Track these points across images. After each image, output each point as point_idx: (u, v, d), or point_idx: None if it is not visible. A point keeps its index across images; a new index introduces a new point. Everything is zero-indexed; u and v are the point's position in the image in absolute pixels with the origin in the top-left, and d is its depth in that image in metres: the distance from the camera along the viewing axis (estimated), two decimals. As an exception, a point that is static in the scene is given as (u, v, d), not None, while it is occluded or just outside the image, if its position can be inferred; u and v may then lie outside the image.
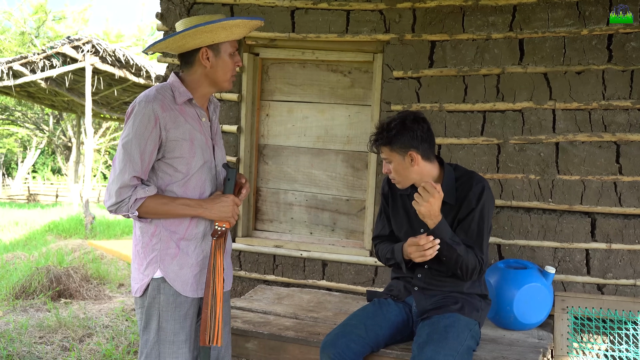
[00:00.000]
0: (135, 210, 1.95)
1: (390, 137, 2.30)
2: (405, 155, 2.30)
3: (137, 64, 10.00)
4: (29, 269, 6.03)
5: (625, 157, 3.01)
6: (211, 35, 1.98)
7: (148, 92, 2.01)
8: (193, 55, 2.04)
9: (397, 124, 2.30)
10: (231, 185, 2.07)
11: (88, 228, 10.50)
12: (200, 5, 3.64)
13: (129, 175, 1.94)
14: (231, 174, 2.07)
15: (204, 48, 2.01)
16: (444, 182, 2.37)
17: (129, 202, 1.94)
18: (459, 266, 2.28)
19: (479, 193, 2.32)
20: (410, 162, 2.31)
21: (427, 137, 2.32)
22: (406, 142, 2.29)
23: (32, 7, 21.24)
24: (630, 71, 2.99)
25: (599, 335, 3.04)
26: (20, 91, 12.48)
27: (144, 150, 1.95)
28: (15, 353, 3.84)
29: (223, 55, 2.05)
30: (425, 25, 3.27)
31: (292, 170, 3.74)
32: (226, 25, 1.98)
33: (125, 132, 1.97)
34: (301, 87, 3.69)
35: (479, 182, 2.35)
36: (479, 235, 2.32)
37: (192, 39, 1.97)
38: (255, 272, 3.68)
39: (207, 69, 2.04)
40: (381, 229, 2.61)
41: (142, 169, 1.96)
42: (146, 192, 1.96)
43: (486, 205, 2.33)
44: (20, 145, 28.77)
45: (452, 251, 2.25)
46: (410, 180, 2.37)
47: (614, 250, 3.04)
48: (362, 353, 2.30)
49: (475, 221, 2.32)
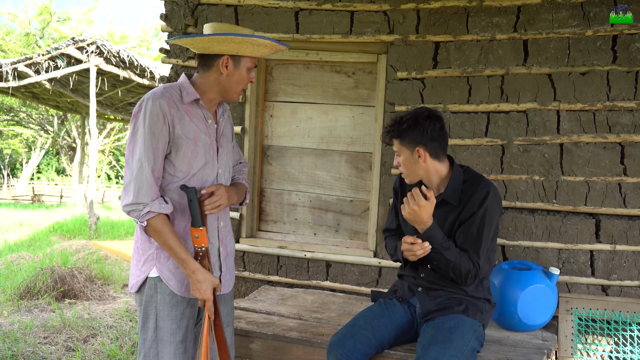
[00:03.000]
0: (145, 220, 1.96)
1: (400, 131, 2.33)
2: (413, 150, 2.33)
3: (141, 65, 10.03)
4: (33, 270, 6.04)
5: (630, 158, 3.01)
6: (237, 47, 2.02)
7: (155, 89, 2.04)
8: (214, 59, 2.06)
9: (409, 119, 2.33)
10: (195, 206, 2.01)
11: (92, 229, 10.52)
12: (205, 7, 3.65)
13: (146, 174, 1.95)
14: (190, 194, 2.01)
15: (226, 56, 2.04)
16: (450, 182, 2.37)
17: (142, 210, 1.95)
18: (451, 270, 2.29)
19: (483, 197, 2.31)
20: (418, 158, 2.33)
21: (437, 136, 2.33)
22: (415, 138, 2.31)
23: (37, 9, 21.31)
24: (634, 72, 2.99)
25: (603, 337, 3.03)
26: (24, 92, 12.54)
27: (157, 147, 1.97)
28: (19, 353, 3.85)
29: (242, 68, 2.08)
30: (429, 26, 3.27)
31: (296, 171, 3.74)
32: (254, 42, 2.02)
33: (138, 131, 1.98)
34: (305, 88, 3.70)
35: (485, 187, 2.34)
36: (477, 240, 2.31)
37: (218, 44, 2.01)
38: (259, 272, 3.69)
39: (223, 76, 2.07)
40: (390, 223, 2.65)
41: (157, 165, 1.98)
42: (162, 209, 1.97)
43: (489, 211, 2.31)
44: (25, 146, 28.86)
45: (440, 256, 2.28)
46: (418, 175, 2.39)
47: (618, 251, 3.03)
48: (368, 354, 2.30)
49: (476, 225, 2.31)
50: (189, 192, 2.00)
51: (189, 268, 1.99)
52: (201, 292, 2.00)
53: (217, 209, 2.06)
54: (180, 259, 1.99)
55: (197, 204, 2.01)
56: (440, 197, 2.37)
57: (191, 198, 2.00)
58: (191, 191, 2.00)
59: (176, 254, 1.99)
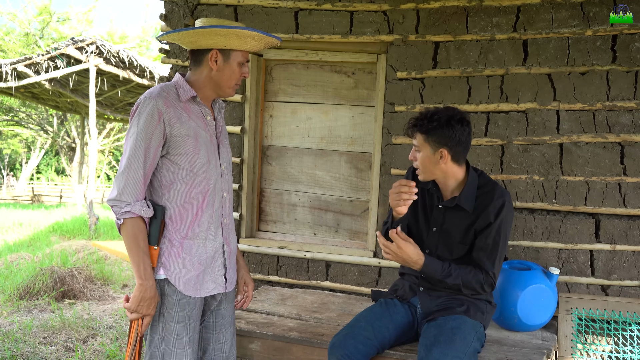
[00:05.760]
0: (122, 219, 1.95)
1: (429, 128, 2.27)
2: (437, 150, 2.29)
3: (141, 65, 10.03)
4: (33, 270, 6.04)
5: (630, 157, 3.01)
6: (224, 40, 2.00)
7: (152, 89, 2.03)
8: (203, 54, 2.05)
9: (441, 118, 2.27)
10: (157, 225, 2.00)
11: (92, 229, 10.52)
12: (204, 7, 3.65)
13: (134, 172, 1.94)
14: (158, 212, 2.00)
15: (214, 50, 2.03)
16: (465, 187, 2.36)
17: (123, 208, 1.94)
18: (463, 288, 2.34)
19: (499, 208, 2.31)
20: (439, 159, 2.30)
21: (464, 141, 2.30)
22: (442, 139, 2.27)
23: (37, 9, 21.33)
24: (634, 72, 2.99)
25: (603, 337, 3.03)
26: (24, 92, 12.54)
27: (149, 146, 1.95)
28: (19, 353, 3.85)
29: (232, 62, 2.06)
30: (429, 26, 3.27)
31: (295, 171, 3.74)
32: (241, 34, 1.99)
33: (131, 129, 1.98)
34: (305, 88, 3.70)
35: (501, 196, 2.33)
36: (493, 251, 2.32)
37: (204, 38, 1.99)
38: (259, 273, 3.69)
39: (213, 71, 2.05)
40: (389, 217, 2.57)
41: (146, 165, 1.96)
42: (142, 212, 1.95)
43: (505, 222, 2.32)
44: (24, 146, 28.88)
45: (445, 284, 2.34)
46: (433, 175, 2.36)
47: (618, 251, 3.03)
48: (369, 354, 2.30)
49: (492, 236, 2.32)
50: (157, 210, 2.00)
51: (147, 282, 1.95)
52: (150, 309, 1.97)
53: None
54: (142, 269, 1.95)
55: (159, 223, 2.00)
56: (454, 202, 2.36)
57: (157, 216, 2.00)
58: (159, 209, 2.00)
59: (140, 263, 1.95)
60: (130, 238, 1.95)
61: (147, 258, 1.96)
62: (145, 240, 1.97)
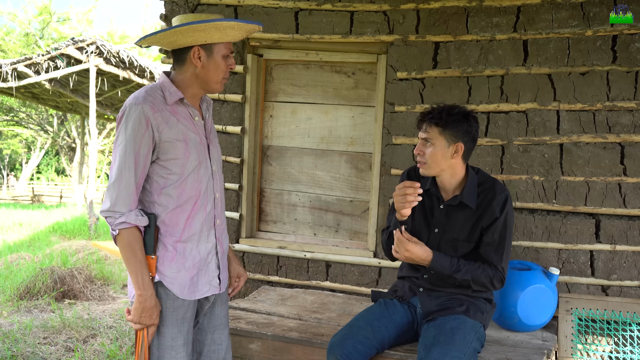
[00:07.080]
0: (117, 229, 1.92)
1: (448, 121, 2.28)
2: (452, 144, 2.30)
3: (141, 65, 10.03)
4: (33, 270, 6.04)
5: (630, 158, 3.01)
6: (204, 35, 1.94)
7: (137, 93, 1.97)
8: (185, 53, 1.99)
9: (461, 112, 2.29)
10: (152, 234, 1.98)
11: (92, 229, 10.53)
12: (205, 7, 3.65)
13: (125, 182, 1.90)
14: (151, 221, 1.97)
15: (196, 47, 1.97)
16: (466, 184, 2.37)
17: (118, 219, 1.90)
18: (472, 284, 2.34)
19: (503, 202, 2.34)
20: (453, 153, 2.31)
21: (475, 139, 2.35)
22: (460, 133, 2.29)
23: (37, 9, 21.34)
24: (634, 72, 2.99)
25: (603, 337, 3.03)
26: (24, 92, 12.55)
27: (139, 154, 1.91)
28: (19, 354, 3.85)
29: (216, 57, 2.00)
30: (429, 26, 3.27)
31: (295, 171, 3.74)
32: (220, 26, 1.93)
33: (119, 138, 1.93)
34: (305, 88, 3.70)
35: (502, 191, 2.36)
36: (500, 245, 2.34)
37: (183, 36, 1.93)
38: (259, 273, 3.68)
39: (198, 69, 1.99)
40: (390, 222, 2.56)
41: (137, 173, 1.92)
42: (137, 221, 1.92)
43: (509, 215, 2.35)
44: (24, 146, 28.88)
45: (454, 279, 2.34)
46: (440, 169, 2.35)
47: (618, 251, 3.03)
48: (368, 354, 2.30)
49: (498, 231, 2.33)
50: (150, 219, 1.97)
51: (147, 292, 1.93)
52: (153, 318, 1.95)
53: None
54: (140, 279, 1.93)
55: (153, 232, 1.98)
56: (458, 200, 2.37)
57: (150, 225, 1.97)
58: (151, 217, 1.97)
59: (138, 273, 1.93)
60: (126, 248, 1.92)
61: (144, 268, 1.94)
62: (142, 250, 1.94)
